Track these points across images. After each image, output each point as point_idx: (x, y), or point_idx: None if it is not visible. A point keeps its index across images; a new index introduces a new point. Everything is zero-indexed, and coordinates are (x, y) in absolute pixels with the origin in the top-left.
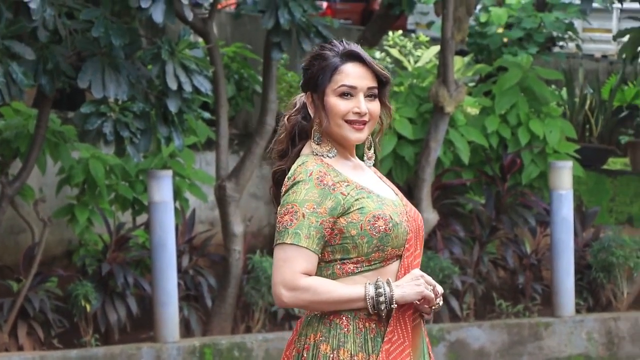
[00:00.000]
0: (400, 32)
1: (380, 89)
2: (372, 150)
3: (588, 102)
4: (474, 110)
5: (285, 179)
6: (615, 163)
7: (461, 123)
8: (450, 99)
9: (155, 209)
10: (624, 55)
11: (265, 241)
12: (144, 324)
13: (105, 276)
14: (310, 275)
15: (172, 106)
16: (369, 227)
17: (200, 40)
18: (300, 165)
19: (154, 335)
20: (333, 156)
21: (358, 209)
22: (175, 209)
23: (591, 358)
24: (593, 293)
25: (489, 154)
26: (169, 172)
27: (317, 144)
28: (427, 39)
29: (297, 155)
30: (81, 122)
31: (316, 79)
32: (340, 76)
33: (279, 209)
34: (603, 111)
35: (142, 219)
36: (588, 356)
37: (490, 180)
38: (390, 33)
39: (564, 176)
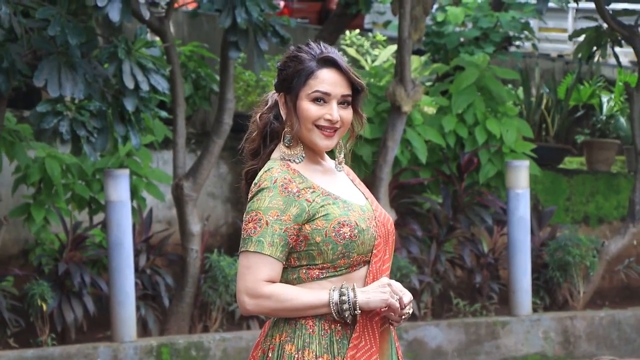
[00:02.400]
0: (357, 31)
1: (355, 96)
2: (342, 155)
3: (544, 101)
4: (431, 110)
5: (252, 185)
6: (572, 162)
7: (418, 122)
8: (408, 98)
9: (112, 208)
10: (579, 55)
11: (223, 240)
12: (100, 324)
13: (61, 275)
14: (274, 282)
15: (129, 105)
16: (333, 234)
17: (157, 39)
18: (265, 172)
19: (110, 334)
20: (300, 161)
21: (323, 215)
22: (132, 208)
23: (548, 357)
24: (550, 292)
25: (446, 153)
26: (126, 171)
27: (287, 147)
28: (384, 38)
29: (269, 156)
30: (37, 121)
31: (290, 81)
32: (314, 81)
33: (244, 215)
34: (559, 110)
35: (99, 218)
36: (545, 355)
37: (447, 179)
38: (347, 32)
39: (521, 175)
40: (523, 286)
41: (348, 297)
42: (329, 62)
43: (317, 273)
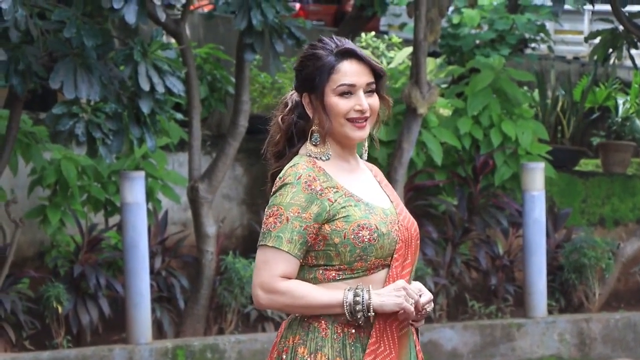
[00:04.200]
0: (372, 33)
1: (377, 82)
2: (367, 143)
3: (560, 103)
4: (446, 112)
5: (277, 179)
6: (587, 164)
7: (434, 124)
8: (423, 100)
9: (127, 210)
10: (595, 57)
11: (238, 242)
12: (116, 326)
13: (77, 278)
14: (289, 279)
15: (145, 107)
16: (352, 237)
17: (172, 41)
18: (291, 167)
19: (126, 336)
20: (327, 159)
21: (343, 217)
22: (148, 210)
23: (563, 359)
24: (565, 294)
25: (461, 155)
26: (142, 174)
27: (314, 145)
28: (400, 40)
29: (295, 155)
30: (53, 123)
31: (313, 80)
32: (338, 75)
33: (266, 209)
34: (575, 113)
35: (114, 220)
36: (560, 357)
37: (462, 181)
38: (362, 35)
39: (536, 177)
40: (538, 288)
41: (362, 299)
42: (347, 54)
43: (333, 274)
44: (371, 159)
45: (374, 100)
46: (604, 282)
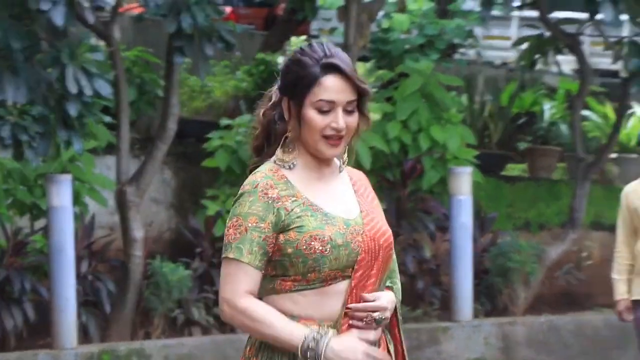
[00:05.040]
0: (303, 37)
1: (360, 99)
2: (345, 155)
3: (487, 108)
4: (375, 116)
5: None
6: (514, 169)
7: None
8: None
9: (54, 213)
10: (522, 63)
11: (166, 246)
12: (41, 330)
13: (1, 282)
14: (253, 293)
15: (72, 110)
16: (304, 247)
17: (101, 43)
18: (252, 174)
19: (51, 341)
20: (290, 168)
21: (297, 227)
22: (75, 213)
23: None
24: (491, 298)
25: (390, 159)
26: (69, 177)
27: (283, 152)
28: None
29: (272, 154)
30: None
31: (294, 87)
32: (319, 89)
33: (227, 219)
34: (502, 118)
35: (40, 223)
36: None
37: (391, 185)
38: (293, 38)
39: (463, 182)
40: (464, 292)
41: (316, 353)
42: (333, 68)
43: (289, 285)
44: None
45: (352, 119)
46: (528, 286)
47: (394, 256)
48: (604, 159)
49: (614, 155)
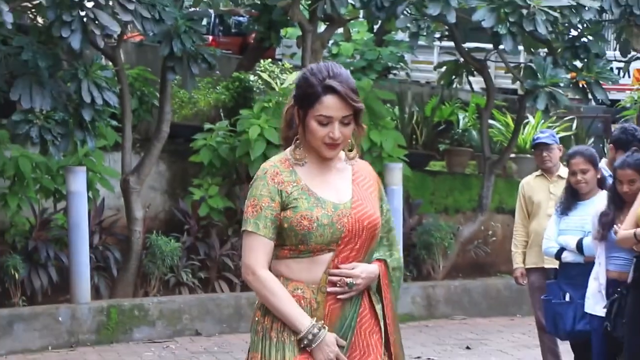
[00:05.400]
0: (269, 60)
1: (356, 113)
2: (353, 152)
3: (415, 117)
4: None
5: None
6: (435, 165)
7: None
8: None
9: (72, 197)
10: (442, 82)
11: (161, 224)
12: (62, 289)
13: (31, 251)
14: (269, 262)
15: (87, 115)
16: (295, 224)
17: (110, 63)
18: (265, 162)
19: (70, 297)
20: (302, 165)
21: (293, 207)
22: (88, 197)
23: (414, 317)
24: (417, 266)
25: None
26: (83, 168)
27: (294, 149)
28: (291, 66)
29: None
30: (13, 127)
31: (302, 100)
32: (320, 106)
33: (246, 199)
34: (426, 125)
35: (61, 205)
36: (412, 315)
37: None
38: (262, 61)
39: (396, 175)
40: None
41: (315, 338)
42: (331, 89)
43: (286, 252)
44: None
45: (347, 129)
46: (446, 257)
47: (394, 232)
48: (505, 158)
49: (513, 155)
